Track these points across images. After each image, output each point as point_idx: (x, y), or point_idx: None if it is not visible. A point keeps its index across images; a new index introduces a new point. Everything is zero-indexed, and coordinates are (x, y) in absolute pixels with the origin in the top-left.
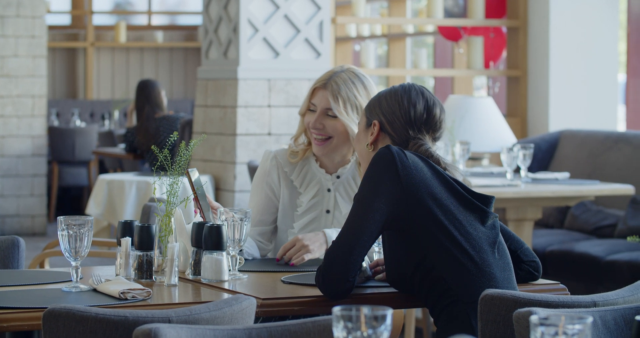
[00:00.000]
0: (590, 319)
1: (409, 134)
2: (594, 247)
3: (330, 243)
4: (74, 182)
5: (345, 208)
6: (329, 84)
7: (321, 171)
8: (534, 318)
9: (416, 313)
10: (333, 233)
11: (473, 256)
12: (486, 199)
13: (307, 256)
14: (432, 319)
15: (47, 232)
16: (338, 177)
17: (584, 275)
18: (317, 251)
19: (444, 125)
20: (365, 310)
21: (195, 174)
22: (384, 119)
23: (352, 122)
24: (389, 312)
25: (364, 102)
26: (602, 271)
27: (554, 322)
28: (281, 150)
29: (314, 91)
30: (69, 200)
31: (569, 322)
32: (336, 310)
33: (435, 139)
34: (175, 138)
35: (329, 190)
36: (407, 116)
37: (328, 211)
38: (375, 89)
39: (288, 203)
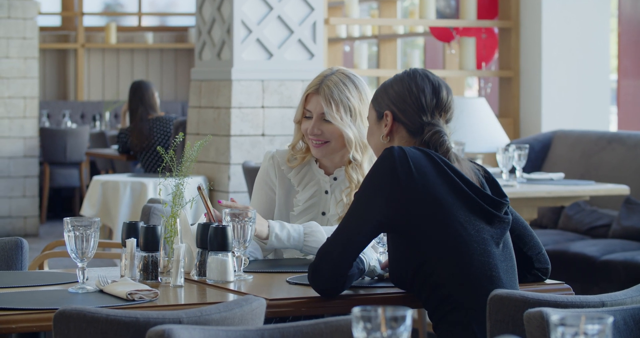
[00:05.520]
0: (610, 319)
1: (422, 120)
2: (588, 247)
3: (270, 234)
4: (66, 183)
5: (338, 210)
6: (322, 89)
7: (320, 171)
8: (554, 319)
9: (414, 313)
10: (276, 227)
11: (475, 260)
12: (496, 203)
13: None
14: (427, 319)
15: (39, 233)
16: (335, 179)
17: (579, 275)
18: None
19: (453, 105)
20: (384, 310)
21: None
22: (395, 108)
23: (347, 126)
24: (409, 313)
25: (356, 103)
26: (597, 271)
27: (574, 322)
28: (282, 150)
29: (307, 97)
30: (60, 201)
31: (589, 322)
32: (356, 310)
33: (447, 121)
34: (181, 139)
35: (326, 192)
36: (418, 103)
37: (324, 213)
38: (367, 87)
39: (284, 203)
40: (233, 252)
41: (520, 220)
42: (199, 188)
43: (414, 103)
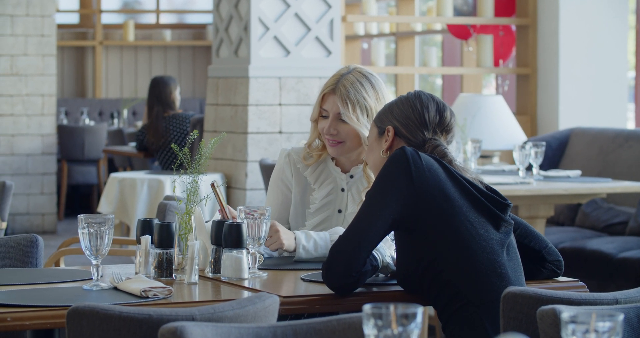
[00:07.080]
0: (621, 316)
1: (424, 135)
2: (605, 244)
3: (297, 246)
4: (84, 180)
5: (354, 208)
6: (338, 88)
7: (337, 169)
8: (565, 316)
9: (429, 310)
10: (302, 238)
11: (485, 257)
12: (502, 206)
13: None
14: None
15: (57, 230)
16: (352, 176)
17: (596, 273)
18: (286, 242)
19: (455, 128)
20: (395, 307)
21: (218, 186)
22: (398, 123)
23: (363, 126)
24: (420, 310)
25: (373, 103)
26: (614, 268)
27: (585, 320)
28: (297, 148)
29: (323, 96)
30: (78, 198)
31: (599, 319)
32: (367, 307)
33: (448, 142)
34: (195, 137)
35: (342, 190)
36: (421, 118)
37: (340, 211)
38: (384, 86)
39: (300, 200)
40: (247, 249)
41: (518, 219)
42: (212, 185)
43: (417, 119)
